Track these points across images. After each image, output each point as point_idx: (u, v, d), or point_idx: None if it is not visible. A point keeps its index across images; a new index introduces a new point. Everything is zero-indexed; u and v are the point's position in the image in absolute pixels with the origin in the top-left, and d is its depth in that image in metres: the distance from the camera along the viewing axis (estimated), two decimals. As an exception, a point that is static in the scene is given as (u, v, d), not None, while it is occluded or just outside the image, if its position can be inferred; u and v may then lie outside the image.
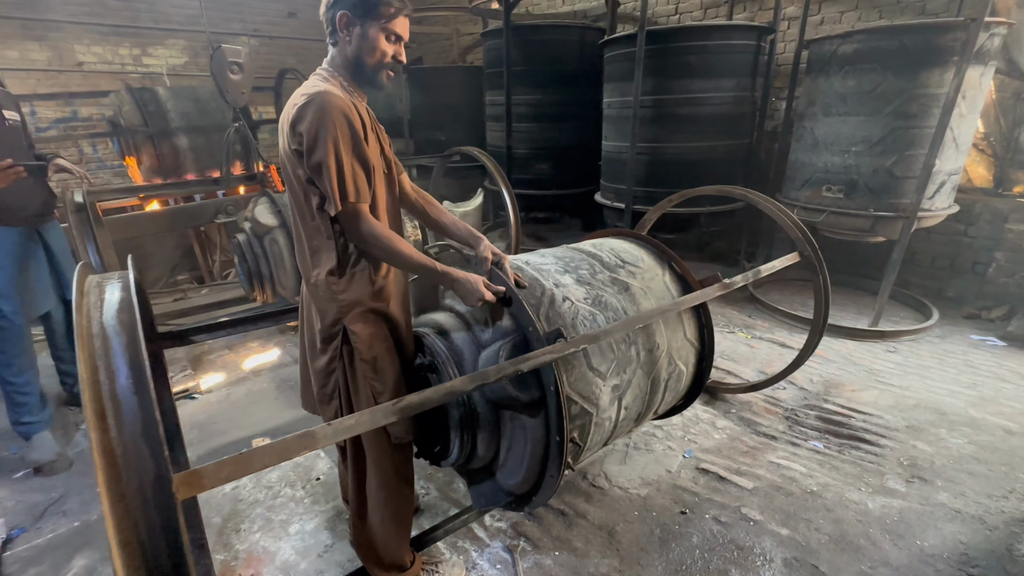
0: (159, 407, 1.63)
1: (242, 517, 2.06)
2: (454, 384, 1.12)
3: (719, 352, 3.29)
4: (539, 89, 5.10)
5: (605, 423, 1.64)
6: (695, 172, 4.00)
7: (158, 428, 0.81)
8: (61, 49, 6.05)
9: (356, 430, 0.98)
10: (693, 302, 1.75)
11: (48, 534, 2.00)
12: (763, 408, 2.70)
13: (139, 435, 0.81)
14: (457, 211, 5.72)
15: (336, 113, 1.26)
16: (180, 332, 1.61)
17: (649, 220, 2.97)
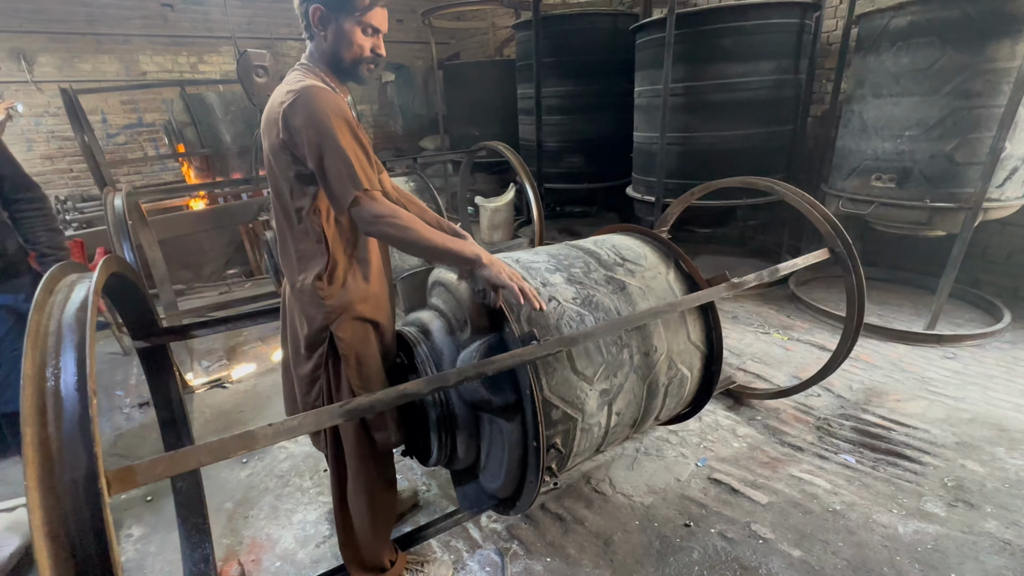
0: (165, 398, 1.72)
1: (252, 503, 2.15)
2: (408, 387, 1.10)
3: (750, 355, 3.10)
4: (570, 80, 4.99)
5: (593, 429, 1.57)
6: (731, 162, 3.77)
7: (93, 425, 0.83)
8: (127, 60, 6.55)
9: (299, 431, 0.98)
10: (693, 303, 1.63)
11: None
12: (792, 416, 2.51)
13: (76, 432, 0.83)
14: (488, 206, 5.71)
15: (330, 104, 1.23)
16: (181, 327, 1.69)
17: (672, 214, 2.82)
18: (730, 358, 3.08)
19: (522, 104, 5.57)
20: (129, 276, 1.38)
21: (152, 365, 1.71)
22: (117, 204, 2.62)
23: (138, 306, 1.54)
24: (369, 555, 1.55)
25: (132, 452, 2.54)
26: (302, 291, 1.39)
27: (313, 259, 1.38)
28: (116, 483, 0.83)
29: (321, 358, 1.42)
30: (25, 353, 0.87)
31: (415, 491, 2.10)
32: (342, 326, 1.40)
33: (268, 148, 1.34)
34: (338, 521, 1.53)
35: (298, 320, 1.43)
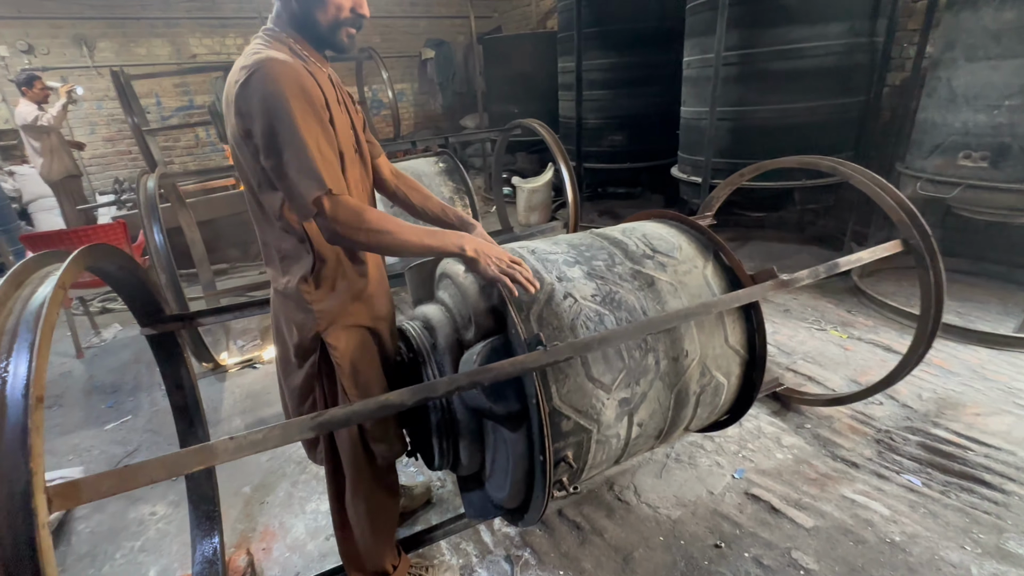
0: (177, 384, 1.70)
1: (269, 489, 2.15)
2: (390, 397, 0.98)
3: (801, 353, 2.81)
4: (614, 52, 4.67)
5: (611, 441, 1.41)
6: (789, 139, 3.40)
7: (32, 437, 0.76)
8: (179, 43, 6.74)
9: (264, 446, 0.88)
10: (732, 303, 1.42)
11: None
12: (847, 426, 2.24)
13: (18, 443, 0.77)
14: (525, 187, 5.52)
15: (288, 83, 1.02)
16: (189, 315, 1.66)
17: (718, 198, 2.56)
18: (778, 356, 2.81)
19: (563, 79, 5.29)
20: (121, 264, 1.33)
21: (161, 352, 1.69)
22: (149, 186, 2.65)
23: (142, 293, 1.51)
24: (370, 560, 1.48)
25: (164, 429, 2.62)
26: (287, 295, 1.24)
27: (297, 259, 1.21)
28: (58, 500, 0.76)
29: (313, 368, 1.29)
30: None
31: (428, 487, 2.03)
32: (334, 334, 1.25)
33: (230, 135, 1.14)
34: (336, 527, 1.45)
35: (285, 327, 1.29)
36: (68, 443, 2.59)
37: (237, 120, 1.07)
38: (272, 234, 1.22)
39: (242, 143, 1.10)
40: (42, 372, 0.82)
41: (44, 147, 4.93)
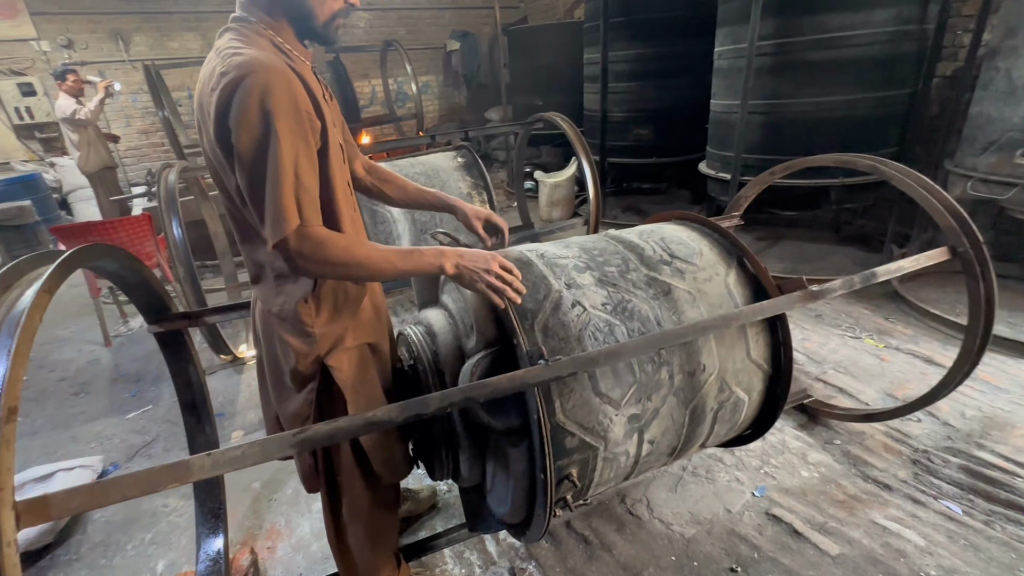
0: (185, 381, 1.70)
1: (278, 486, 2.15)
2: (378, 413, 0.93)
3: (833, 363, 2.65)
4: (641, 42, 4.50)
5: (619, 459, 1.33)
6: (827, 135, 3.20)
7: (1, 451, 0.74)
8: (210, 37, 6.85)
9: (243, 463, 0.84)
10: (755, 316, 1.32)
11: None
12: (881, 444, 2.10)
13: None
14: (548, 182, 5.42)
15: (277, 98, 0.90)
16: (195, 312, 1.64)
17: (746, 197, 2.42)
18: (807, 365, 2.66)
19: (588, 71, 5.15)
20: (122, 263, 1.32)
21: (169, 349, 1.69)
22: (170, 180, 2.67)
23: (146, 291, 1.50)
24: (367, 573, 1.44)
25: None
26: (282, 318, 1.14)
27: (293, 280, 1.11)
28: (27, 516, 0.74)
29: (312, 394, 1.18)
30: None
31: (434, 491, 1.99)
32: (338, 357, 1.17)
33: (206, 144, 1.01)
34: (332, 543, 1.40)
35: (280, 350, 1.17)
36: (92, 430, 2.66)
37: (216, 130, 0.94)
38: (263, 253, 1.10)
39: (220, 154, 0.98)
40: (15, 381, 0.79)
41: (81, 140, 5.08)
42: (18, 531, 0.73)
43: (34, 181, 5.77)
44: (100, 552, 1.90)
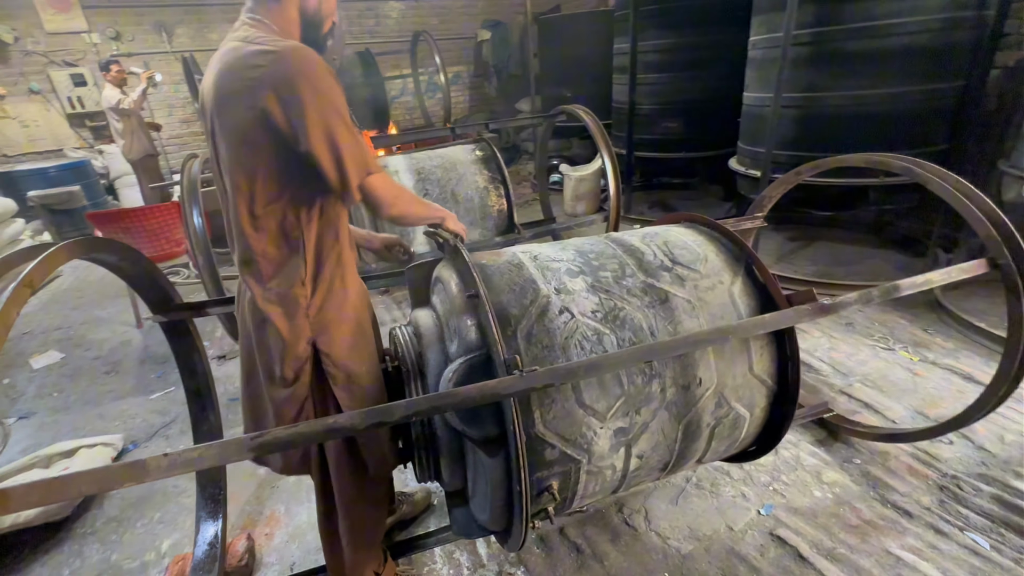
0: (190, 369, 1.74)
1: (282, 473, 2.19)
2: (339, 419, 0.91)
3: (861, 375, 2.50)
4: (672, 31, 4.32)
5: (605, 472, 1.28)
6: (867, 131, 3.00)
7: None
8: (248, 28, 7.03)
9: (199, 464, 0.84)
10: (755, 330, 1.23)
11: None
12: (905, 467, 1.96)
13: None
14: (573, 175, 5.32)
15: (325, 72, 1.03)
16: (197, 304, 1.68)
17: (770, 197, 2.30)
18: (831, 376, 2.51)
19: (617, 61, 4.99)
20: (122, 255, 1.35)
21: (174, 338, 1.73)
22: (193, 170, 2.74)
23: (149, 282, 1.54)
24: (354, 569, 1.44)
25: (200, 403, 2.75)
26: (279, 302, 1.17)
27: (290, 263, 1.15)
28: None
29: (307, 376, 1.22)
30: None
31: (429, 492, 1.98)
32: (329, 340, 1.20)
33: (232, 128, 1.06)
34: (323, 534, 1.41)
35: (272, 336, 1.19)
36: (118, 409, 2.79)
37: (266, 104, 1.00)
38: (258, 236, 1.13)
39: (255, 132, 1.04)
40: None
41: (125, 128, 5.32)
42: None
43: (83, 167, 6.10)
44: (113, 527, 2.00)
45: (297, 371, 1.21)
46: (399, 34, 7.48)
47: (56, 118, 6.39)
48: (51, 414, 2.79)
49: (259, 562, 1.79)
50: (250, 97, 1.02)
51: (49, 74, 6.18)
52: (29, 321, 4.02)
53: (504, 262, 1.38)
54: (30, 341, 3.67)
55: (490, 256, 1.42)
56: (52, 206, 5.35)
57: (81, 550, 1.90)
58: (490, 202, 3.33)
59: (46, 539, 1.96)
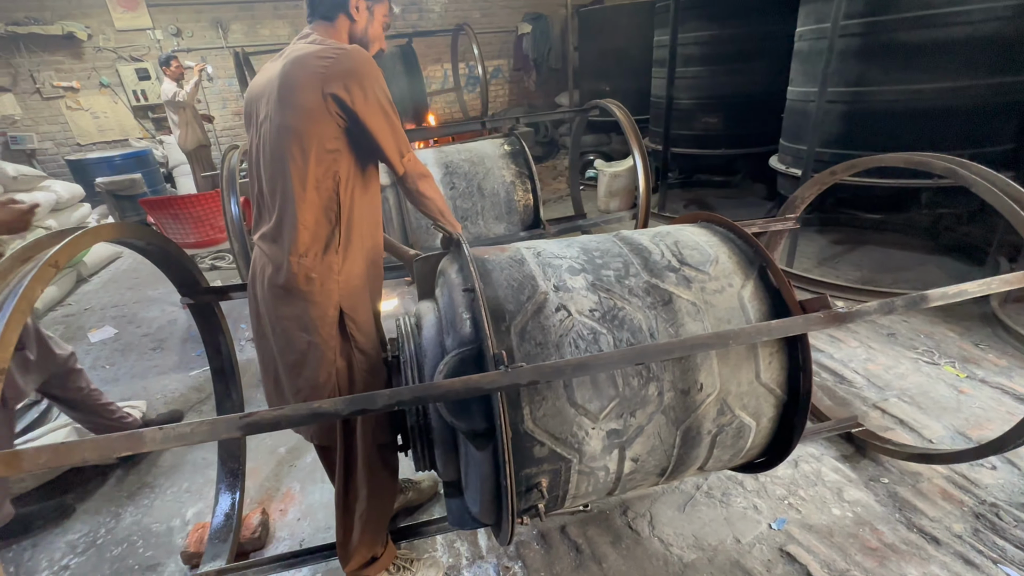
0: (216, 350, 1.84)
1: (300, 453, 2.29)
2: (323, 404, 0.94)
3: (898, 389, 2.35)
4: (715, 23, 4.16)
5: (597, 473, 1.27)
6: (921, 128, 2.79)
7: None
8: (298, 24, 7.27)
9: (190, 439, 0.89)
10: (760, 336, 1.18)
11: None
12: (938, 490, 1.83)
13: None
14: (607, 171, 5.23)
15: (376, 67, 1.27)
16: (221, 288, 1.77)
17: (803, 198, 2.19)
18: (865, 389, 2.38)
19: (656, 54, 4.85)
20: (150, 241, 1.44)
21: (201, 319, 1.84)
22: (233, 161, 2.88)
23: (177, 267, 1.63)
24: (360, 545, 1.49)
25: (232, 382, 2.90)
26: (313, 266, 1.29)
27: (328, 232, 1.31)
28: (2, 466, 0.83)
29: (334, 341, 1.33)
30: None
31: (435, 481, 2.02)
32: (354, 305, 1.35)
33: (297, 108, 1.23)
34: (339, 508, 1.47)
35: (302, 301, 1.30)
36: (160, 383, 2.99)
37: (333, 89, 1.21)
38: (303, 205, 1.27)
39: (318, 114, 1.23)
40: (6, 346, 0.89)
41: (180, 120, 5.64)
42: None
43: (145, 156, 6.52)
44: (146, 492, 2.15)
45: (323, 334, 1.32)
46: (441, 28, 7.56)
47: (122, 110, 6.86)
48: (102, 384, 3.00)
49: (271, 536, 1.88)
50: (320, 83, 1.21)
51: (117, 68, 6.63)
52: (91, 298, 4.35)
53: (506, 258, 1.38)
54: (90, 316, 3.98)
55: (494, 251, 1.43)
56: (116, 192, 5.75)
57: (117, 511, 2.05)
58: (516, 197, 3.32)
59: (87, 497, 2.13)
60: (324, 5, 1.38)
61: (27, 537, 1.96)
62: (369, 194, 1.39)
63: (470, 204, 3.26)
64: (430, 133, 4.83)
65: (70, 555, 1.88)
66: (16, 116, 6.44)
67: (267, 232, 1.34)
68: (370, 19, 1.44)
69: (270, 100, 1.28)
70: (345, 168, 1.31)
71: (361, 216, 1.36)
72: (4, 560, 1.88)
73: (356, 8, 1.39)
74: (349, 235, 1.33)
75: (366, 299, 1.40)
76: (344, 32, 1.41)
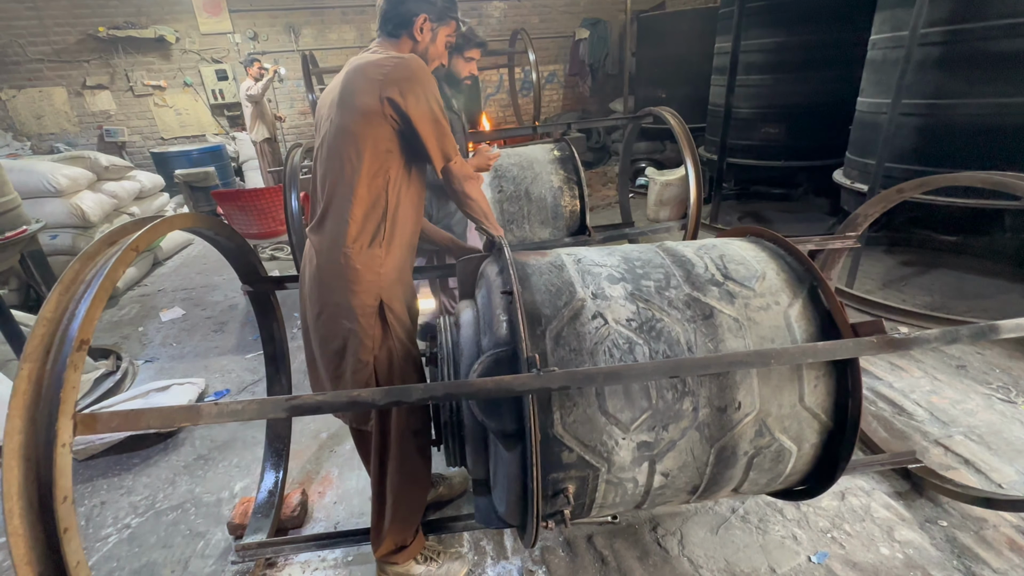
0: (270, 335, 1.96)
1: (341, 439, 2.39)
2: (362, 393, 0.99)
3: (965, 426, 2.18)
4: (781, 29, 4.00)
5: (626, 484, 1.26)
6: (1010, 145, 2.57)
7: (68, 372, 0.93)
8: (363, 29, 7.61)
9: (241, 416, 0.96)
10: (802, 357, 1.13)
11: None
12: (1006, 539, 1.68)
13: (61, 375, 0.94)
14: (659, 179, 5.13)
15: (430, 75, 1.36)
16: (277, 279, 1.88)
17: (865, 216, 2.08)
18: (927, 423, 2.21)
19: (717, 61, 4.72)
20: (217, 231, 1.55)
21: (258, 307, 1.96)
22: (295, 159, 3.05)
23: (239, 256, 1.75)
24: (392, 532, 1.54)
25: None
26: (358, 257, 1.36)
27: (374, 227, 1.39)
28: (81, 426, 0.93)
29: (373, 331, 1.40)
30: (50, 297, 1.02)
31: (466, 478, 2.05)
32: (392, 296, 1.42)
33: (356, 111, 1.33)
34: (375, 494, 1.53)
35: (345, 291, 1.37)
36: (219, 363, 3.20)
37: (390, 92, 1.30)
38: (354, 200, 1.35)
39: (374, 116, 1.32)
40: (91, 319, 0.99)
41: (253, 113, 6.06)
42: (74, 437, 0.92)
43: (219, 151, 7.00)
44: (200, 464, 2.31)
45: (365, 323, 1.39)
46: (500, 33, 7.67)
47: (201, 108, 7.40)
48: (169, 361, 3.27)
49: (309, 516, 1.97)
50: (378, 88, 1.30)
51: (199, 69, 7.16)
52: (164, 280, 4.72)
53: (546, 263, 1.40)
54: (163, 297, 4.32)
55: (534, 256, 1.45)
56: (192, 183, 6.20)
57: (173, 479, 2.22)
58: (563, 202, 3.33)
59: (149, 465, 2.31)
60: (391, 23, 1.46)
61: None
62: (412, 192, 1.46)
63: (516, 208, 3.29)
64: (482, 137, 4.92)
65: (132, 515, 2.05)
66: (111, 111, 7.09)
67: (316, 225, 1.44)
68: (433, 40, 1.51)
69: (332, 105, 1.39)
70: (395, 168, 1.39)
71: (405, 213, 1.44)
72: (77, 515, 2.07)
73: (420, 30, 1.46)
74: (393, 230, 1.42)
75: (402, 290, 1.49)
76: (406, 49, 1.48)
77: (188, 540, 1.91)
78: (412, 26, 1.45)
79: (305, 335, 1.53)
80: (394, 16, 1.45)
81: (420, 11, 1.44)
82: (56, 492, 0.87)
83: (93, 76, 6.88)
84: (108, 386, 2.87)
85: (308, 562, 1.78)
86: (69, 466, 0.91)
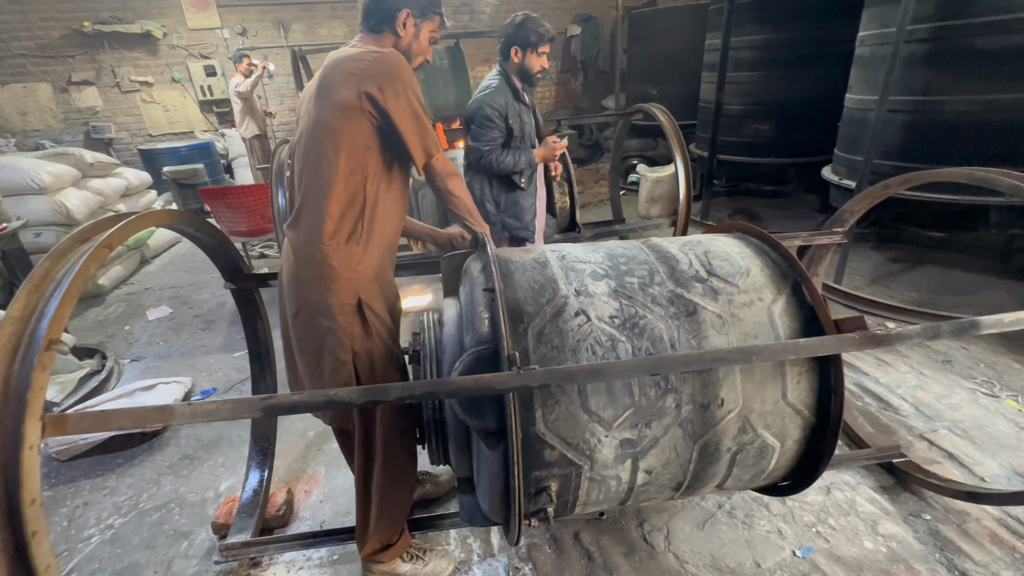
0: (253, 333, 1.93)
1: (328, 438, 2.37)
2: (339, 393, 0.98)
3: (949, 421, 2.20)
4: (770, 25, 4.01)
5: (609, 482, 1.25)
6: (996, 142, 2.59)
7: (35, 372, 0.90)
8: (353, 24, 7.53)
9: (215, 416, 0.95)
10: (784, 354, 1.13)
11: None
12: (987, 532, 1.70)
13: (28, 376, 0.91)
14: (650, 176, 5.13)
15: (410, 70, 1.35)
16: (261, 275, 1.86)
17: (852, 212, 2.08)
18: (912, 418, 2.23)
19: (707, 58, 4.73)
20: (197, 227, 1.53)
21: (243, 305, 1.94)
22: (282, 156, 3.02)
23: (221, 254, 1.73)
24: (377, 530, 1.53)
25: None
26: (335, 253, 1.34)
27: (352, 224, 1.36)
28: (50, 427, 0.90)
29: (351, 329, 1.38)
30: (18, 296, 0.99)
31: (452, 475, 2.04)
32: (371, 294, 1.39)
33: (333, 105, 1.30)
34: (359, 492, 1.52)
35: (323, 289, 1.35)
36: (206, 362, 3.17)
37: (368, 87, 1.28)
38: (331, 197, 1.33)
39: (351, 111, 1.30)
40: (60, 319, 0.97)
41: (243, 109, 5.99)
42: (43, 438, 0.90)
43: (208, 148, 6.93)
44: (185, 463, 2.28)
45: (343, 321, 1.36)
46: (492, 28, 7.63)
47: (190, 104, 7.31)
48: (155, 359, 3.23)
49: (295, 515, 1.96)
50: (356, 83, 1.28)
51: (187, 65, 7.07)
52: (151, 278, 4.67)
53: (530, 259, 1.39)
54: (150, 296, 4.27)
55: (518, 252, 1.44)
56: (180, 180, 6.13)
57: (158, 479, 2.20)
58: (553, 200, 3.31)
59: (133, 465, 2.28)
60: (373, 18, 1.42)
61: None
62: (393, 190, 1.44)
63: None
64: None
65: (115, 515, 2.02)
66: (98, 108, 6.99)
67: (293, 221, 1.42)
68: (416, 35, 1.47)
69: (311, 99, 1.37)
70: (374, 165, 1.37)
71: (386, 211, 1.41)
72: (58, 515, 2.05)
73: (403, 25, 1.43)
74: (371, 228, 1.39)
75: (382, 288, 1.45)
76: (388, 45, 1.44)
77: (172, 540, 1.89)
78: (395, 21, 1.42)
79: (284, 334, 1.50)
80: (376, 11, 1.42)
81: (403, 6, 1.41)
82: (24, 495, 0.85)
83: (78, 72, 6.77)
84: (93, 385, 2.83)
85: (293, 561, 1.77)
86: (37, 468, 0.89)
